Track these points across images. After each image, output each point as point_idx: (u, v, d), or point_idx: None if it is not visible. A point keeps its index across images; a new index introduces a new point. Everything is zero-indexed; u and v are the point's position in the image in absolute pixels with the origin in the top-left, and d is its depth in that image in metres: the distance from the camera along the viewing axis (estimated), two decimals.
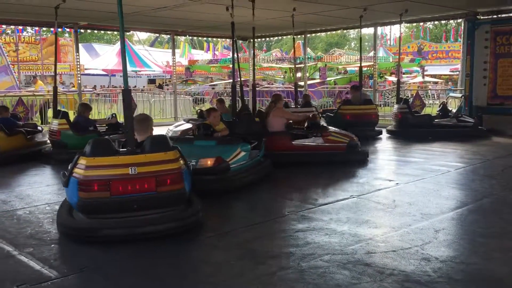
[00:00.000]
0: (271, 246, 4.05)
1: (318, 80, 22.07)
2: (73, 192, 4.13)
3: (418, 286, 3.19)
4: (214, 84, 25.98)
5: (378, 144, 10.05)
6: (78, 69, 13.92)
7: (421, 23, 30.42)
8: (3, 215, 5.02)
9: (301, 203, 5.40)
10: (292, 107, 11.07)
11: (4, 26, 22.86)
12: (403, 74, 24.89)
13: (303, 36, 16.16)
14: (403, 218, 4.74)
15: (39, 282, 3.32)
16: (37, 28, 20.76)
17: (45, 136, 9.20)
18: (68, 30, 18.41)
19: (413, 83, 24.71)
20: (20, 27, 21.53)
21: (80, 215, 4.24)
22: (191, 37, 26.99)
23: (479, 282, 3.34)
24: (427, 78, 28.45)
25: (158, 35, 24.71)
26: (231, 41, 12.05)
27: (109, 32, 36.47)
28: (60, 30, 15.82)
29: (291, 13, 10.15)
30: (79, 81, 14.00)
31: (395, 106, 11.51)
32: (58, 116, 8.42)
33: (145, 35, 43.99)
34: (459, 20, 14.54)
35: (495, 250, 3.92)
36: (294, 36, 12.98)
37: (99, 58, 29.33)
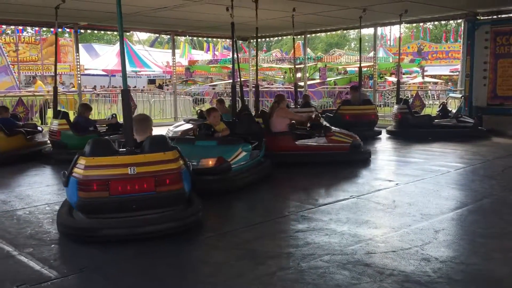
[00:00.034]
0: (271, 246, 4.05)
1: (318, 81, 22.06)
2: (72, 191, 4.15)
3: (418, 287, 3.19)
4: (214, 85, 25.99)
5: (378, 145, 10.05)
6: (78, 69, 13.92)
7: (421, 24, 30.41)
8: (3, 215, 5.02)
9: (301, 203, 5.40)
10: (292, 107, 11.07)
11: (4, 26, 22.83)
12: (403, 74, 24.88)
13: (303, 36, 16.15)
14: (403, 219, 4.74)
15: (39, 282, 3.32)
16: (37, 28, 20.73)
17: (45, 137, 9.20)
18: (68, 30, 18.45)
19: (413, 83, 24.71)
20: (20, 27, 21.54)
21: (80, 215, 4.25)
22: (191, 37, 26.98)
23: (479, 283, 3.33)
24: (427, 79, 28.50)
25: (158, 35, 24.67)
26: (231, 41, 12.05)
27: (109, 32, 36.39)
28: (60, 30, 15.81)
29: (291, 13, 10.17)
30: (79, 81, 14.01)
31: (395, 107, 11.50)
32: (58, 116, 8.42)
33: (145, 35, 44.10)
34: (459, 21, 14.51)
35: (495, 250, 3.92)
36: (294, 37, 13.01)
37: (99, 58, 29.35)
